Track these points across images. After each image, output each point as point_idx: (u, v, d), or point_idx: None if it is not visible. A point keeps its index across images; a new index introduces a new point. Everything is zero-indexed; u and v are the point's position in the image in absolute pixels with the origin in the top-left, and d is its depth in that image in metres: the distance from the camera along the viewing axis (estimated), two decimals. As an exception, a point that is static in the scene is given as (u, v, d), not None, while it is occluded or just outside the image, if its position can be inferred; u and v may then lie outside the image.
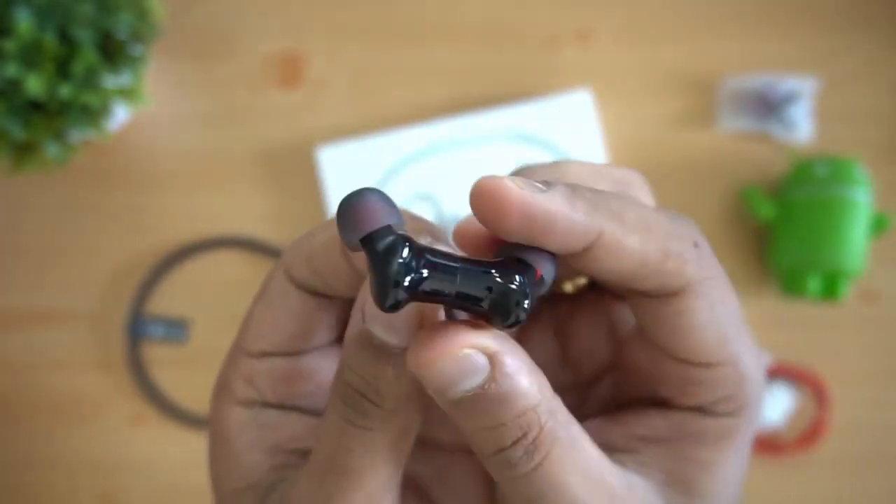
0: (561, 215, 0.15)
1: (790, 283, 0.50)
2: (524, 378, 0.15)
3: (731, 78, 0.54)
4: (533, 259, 0.16)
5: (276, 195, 0.53)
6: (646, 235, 0.16)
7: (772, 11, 0.55)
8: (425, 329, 0.15)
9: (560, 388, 0.21)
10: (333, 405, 0.17)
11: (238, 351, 0.19)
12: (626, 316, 0.21)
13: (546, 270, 0.16)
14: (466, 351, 0.15)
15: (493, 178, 0.15)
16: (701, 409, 0.18)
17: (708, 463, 0.18)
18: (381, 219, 0.15)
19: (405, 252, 0.15)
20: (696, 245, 0.17)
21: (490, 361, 0.15)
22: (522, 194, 0.15)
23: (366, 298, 0.16)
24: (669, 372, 0.18)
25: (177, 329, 0.52)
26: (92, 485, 0.51)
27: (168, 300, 0.53)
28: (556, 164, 0.19)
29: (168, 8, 0.51)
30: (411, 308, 0.16)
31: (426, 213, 0.52)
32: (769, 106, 0.53)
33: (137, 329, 0.51)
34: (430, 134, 0.52)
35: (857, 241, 0.48)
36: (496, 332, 0.16)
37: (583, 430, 0.17)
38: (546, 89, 0.54)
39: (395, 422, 0.16)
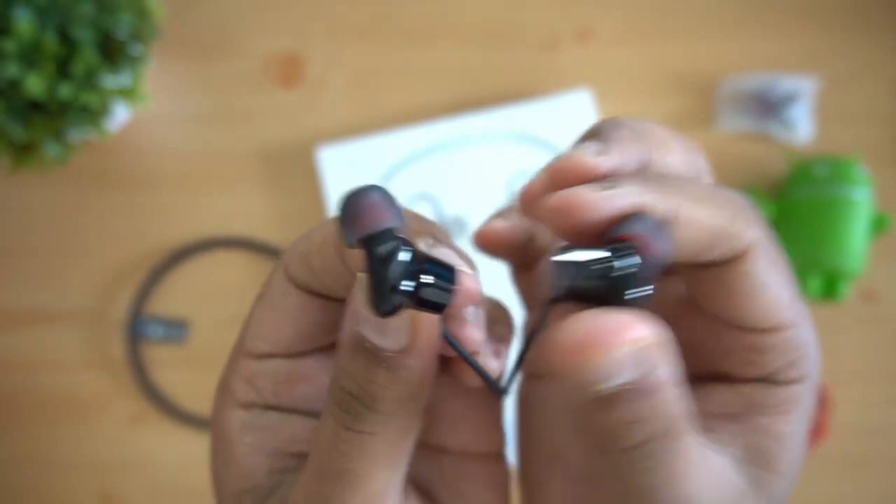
0: (638, 207, 0.16)
1: (790, 283, 0.50)
2: (670, 369, 0.14)
3: (730, 78, 0.54)
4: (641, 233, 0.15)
5: (276, 195, 0.53)
6: (712, 204, 0.17)
7: (772, 12, 0.55)
8: (570, 313, 0.14)
9: None
10: (329, 409, 0.17)
11: (239, 352, 0.19)
12: (673, 292, 0.21)
13: (660, 245, 0.15)
14: (628, 347, 0.13)
15: (566, 193, 0.16)
16: (767, 380, 0.18)
17: (782, 434, 0.17)
18: (383, 220, 0.14)
19: (405, 257, 0.14)
20: (749, 208, 0.18)
21: (646, 353, 0.14)
22: (598, 198, 0.15)
23: (358, 301, 0.16)
24: (731, 344, 0.18)
25: (176, 329, 0.52)
26: (92, 485, 0.51)
27: (168, 300, 0.53)
28: (640, 124, 0.19)
29: (168, 8, 0.51)
30: (405, 312, 0.15)
31: (426, 213, 0.51)
32: (769, 106, 0.53)
33: (137, 329, 0.51)
34: (430, 134, 0.52)
35: (857, 241, 0.48)
36: (650, 316, 0.14)
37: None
38: (546, 89, 0.54)
39: (392, 425, 0.16)
